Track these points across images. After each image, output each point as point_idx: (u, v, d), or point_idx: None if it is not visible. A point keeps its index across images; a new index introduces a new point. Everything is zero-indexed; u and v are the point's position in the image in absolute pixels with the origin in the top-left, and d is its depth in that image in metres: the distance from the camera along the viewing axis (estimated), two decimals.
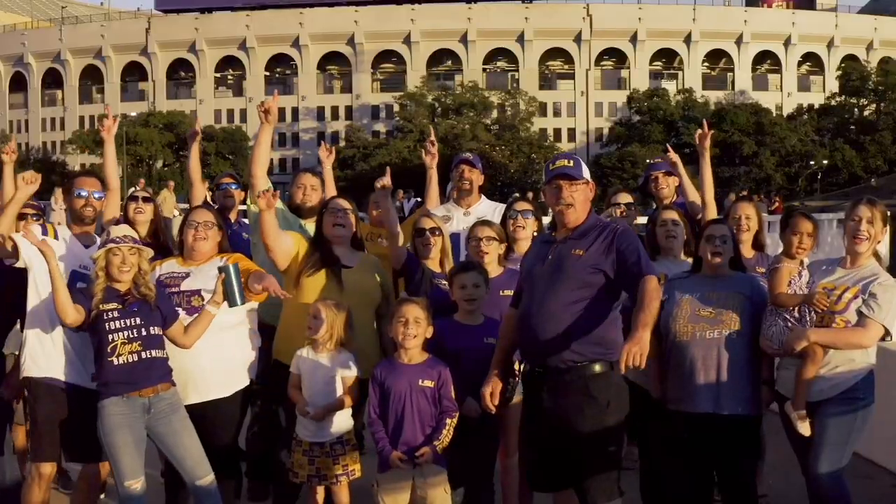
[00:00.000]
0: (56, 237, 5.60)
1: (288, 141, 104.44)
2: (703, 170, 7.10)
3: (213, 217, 5.76)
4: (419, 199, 33.35)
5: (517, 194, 35.13)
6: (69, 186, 5.99)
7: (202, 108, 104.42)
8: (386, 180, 6.11)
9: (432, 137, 7.67)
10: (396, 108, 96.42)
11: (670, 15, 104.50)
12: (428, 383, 5.01)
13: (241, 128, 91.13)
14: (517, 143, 64.99)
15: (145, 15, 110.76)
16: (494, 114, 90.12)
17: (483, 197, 7.52)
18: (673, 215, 6.23)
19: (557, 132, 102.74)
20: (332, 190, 7.30)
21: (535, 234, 6.44)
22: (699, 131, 7.27)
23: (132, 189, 7.09)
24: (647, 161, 69.84)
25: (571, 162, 4.92)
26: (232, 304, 5.37)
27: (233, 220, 7.62)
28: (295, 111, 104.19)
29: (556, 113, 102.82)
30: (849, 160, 76.81)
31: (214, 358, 5.54)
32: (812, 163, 75.80)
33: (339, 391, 5.37)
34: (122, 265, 5.16)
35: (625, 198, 7.29)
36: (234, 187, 7.67)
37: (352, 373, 5.39)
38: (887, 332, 5.26)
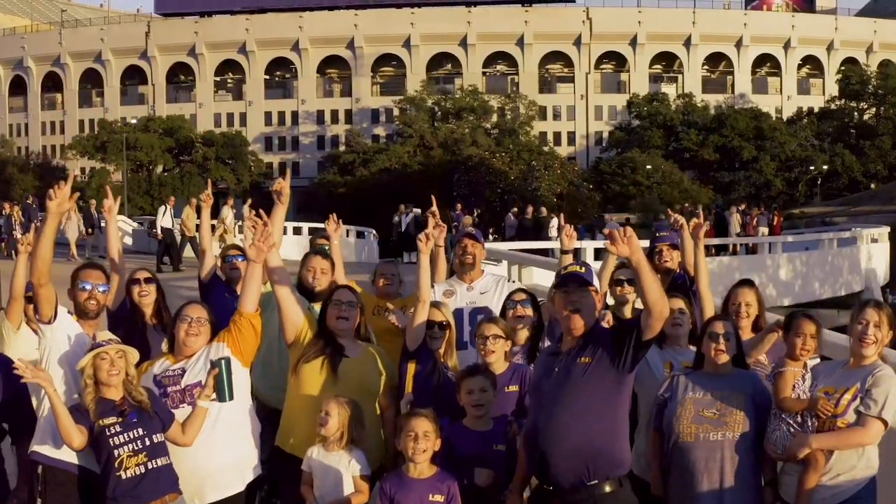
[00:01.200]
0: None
1: (288, 145, 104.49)
2: (698, 259, 6.96)
3: (205, 314, 5.79)
4: (418, 212, 33.40)
5: (515, 209, 35.14)
6: (73, 278, 6.03)
7: (202, 112, 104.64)
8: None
9: (434, 208, 7.66)
10: (396, 112, 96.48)
11: (670, 18, 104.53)
12: (438, 498, 5.04)
13: (240, 132, 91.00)
14: (517, 150, 64.99)
15: (145, 18, 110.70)
16: (494, 118, 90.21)
17: (485, 271, 7.53)
18: (679, 304, 6.23)
19: (557, 135, 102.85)
20: (339, 262, 7.30)
21: (534, 323, 6.45)
22: (694, 220, 7.16)
23: (134, 270, 7.06)
24: (648, 167, 69.84)
25: (583, 268, 5.00)
26: (221, 398, 5.45)
27: (238, 292, 7.65)
28: (294, 115, 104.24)
29: (556, 116, 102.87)
30: (848, 165, 76.91)
31: (226, 452, 5.61)
32: (812, 168, 75.83)
33: (349, 489, 5.41)
34: (111, 369, 5.19)
35: (627, 273, 7.29)
36: (240, 259, 7.69)
37: (362, 471, 5.43)
38: (887, 426, 5.28)
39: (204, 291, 7.66)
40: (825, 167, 76.08)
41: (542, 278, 15.34)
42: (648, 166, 69.14)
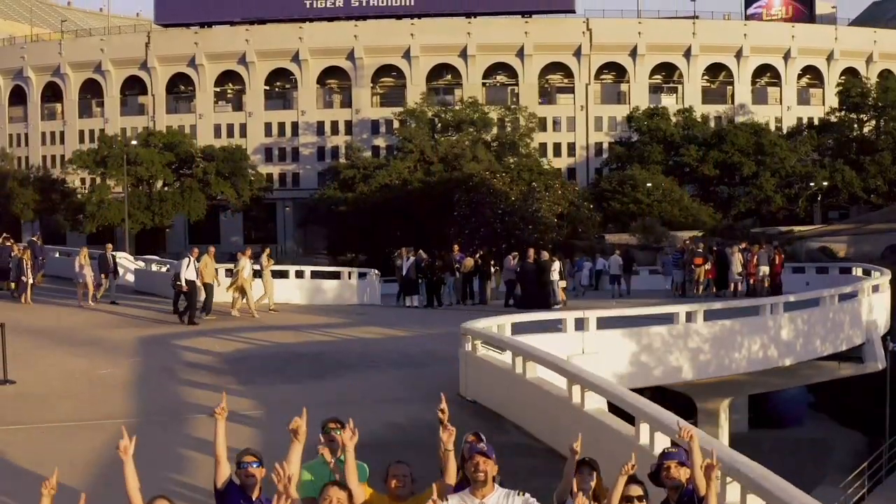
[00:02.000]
0: None
1: (288, 155, 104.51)
2: (710, 497, 6.92)
3: None
4: (422, 255, 33.42)
5: (515, 254, 35.07)
6: None
7: (202, 123, 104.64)
8: None
9: (443, 405, 7.71)
10: (396, 124, 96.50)
11: (670, 29, 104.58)
12: None
13: (240, 147, 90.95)
14: (517, 169, 65.12)
15: (145, 29, 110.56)
16: (494, 130, 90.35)
17: (497, 486, 7.57)
18: None
19: (557, 146, 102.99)
20: (354, 480, 7.34)
21: None
22: (707, 461, 7.16)
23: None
24: (649, 185, 69.99)
25: None
26: None
27: (254, 498, 7.70)
28: (295, 126, 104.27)
29: (556, 127, 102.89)
30: (849, 181, 76.91)
31: None
32: (812, 184, 75.90)
33: None
34: None
35: (636, 490, 7.33)
36: (255, 466, 7.73)
37: None
38: None
39: (220, 500, 7.71)
40: (825, 183, 76.09)
41: (546, 374, 15.41)
42: (649, 184, 69.17)
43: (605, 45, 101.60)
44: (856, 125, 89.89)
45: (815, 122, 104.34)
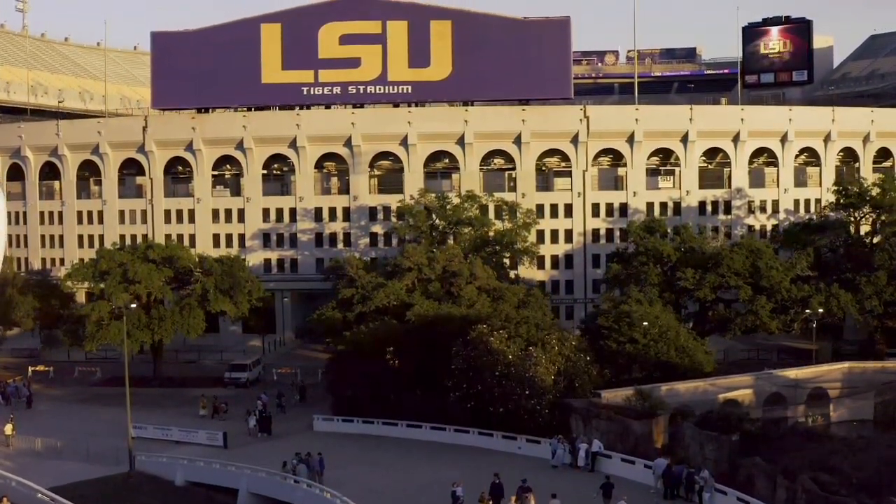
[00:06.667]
0: None
1: (286, 242, 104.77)
2: None
3: None
4: None
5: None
6: None
7: (199, 207, 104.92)
8: None
9: None
10: (394, 218, 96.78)
11: (667, 115, 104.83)
12: None
13: (239, 257, 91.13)
14: (514, 323, 65.52)
15: (142, 113, 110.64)
16: (492, 231, 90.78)
17: None
18: None
19: (555, 233, 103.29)
20: None
21: None
22: None
23: None
24: (645, 324, 70.15)
25: None
26: None
27: None
28: (293, 212, 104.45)
29: (554, 214, 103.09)
30: (844, 305, 77.32)
31: None
32: (808, 311, 76.29)
33: None
34: None
35: None
36: None
37: None
38: None
39: None
40: (821, 311, 76.45)
41: None
42: (645, 323, 69.59)
43: (603, 132, 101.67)
44: (852, 220, 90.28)
45: (812, 203, 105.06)
